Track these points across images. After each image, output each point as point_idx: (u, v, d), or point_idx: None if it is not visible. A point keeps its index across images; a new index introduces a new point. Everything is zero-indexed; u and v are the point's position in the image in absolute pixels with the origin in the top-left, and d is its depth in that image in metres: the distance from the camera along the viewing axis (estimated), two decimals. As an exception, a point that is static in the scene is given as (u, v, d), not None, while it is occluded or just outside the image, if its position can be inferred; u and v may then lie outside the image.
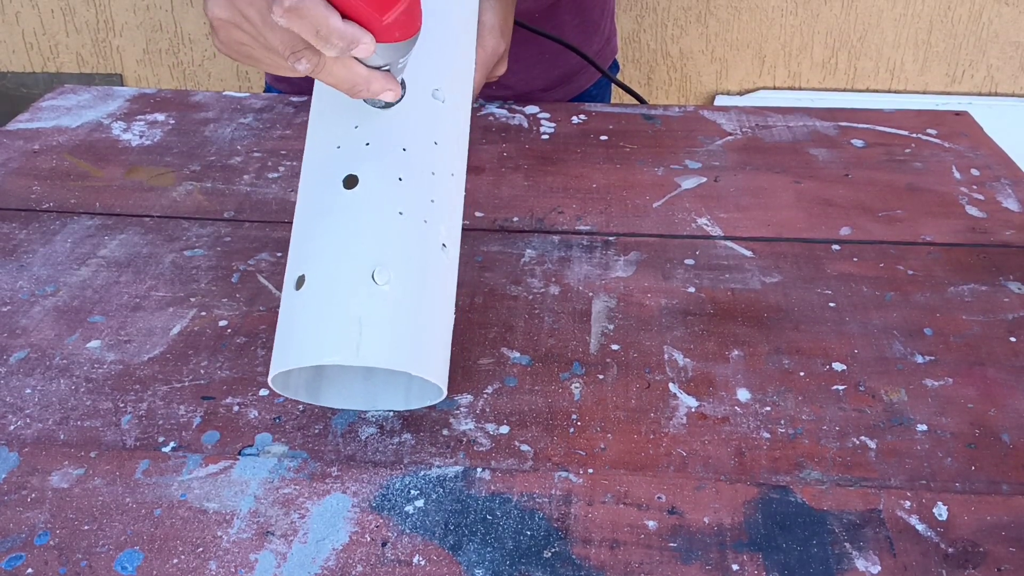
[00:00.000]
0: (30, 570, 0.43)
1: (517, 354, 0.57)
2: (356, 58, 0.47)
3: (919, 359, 0.56)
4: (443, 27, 0.58)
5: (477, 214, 0.71)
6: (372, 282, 0.47)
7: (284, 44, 0.47)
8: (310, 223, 0.50)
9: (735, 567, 0.43)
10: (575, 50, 0.85)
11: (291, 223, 0.69)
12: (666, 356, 0.57)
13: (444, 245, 0.51)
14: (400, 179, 0.50)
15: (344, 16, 0.44)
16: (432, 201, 0.51)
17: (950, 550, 0.44)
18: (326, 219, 0.50)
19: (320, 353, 0.46)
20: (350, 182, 0.50)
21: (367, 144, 0.51)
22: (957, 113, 0.87)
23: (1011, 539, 0.45)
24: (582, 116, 0.87)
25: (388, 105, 0.52)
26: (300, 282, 0.48)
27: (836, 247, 0.67)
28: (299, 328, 0.47)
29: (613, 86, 1.11)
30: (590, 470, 0.49)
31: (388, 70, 0.49)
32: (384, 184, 0.50)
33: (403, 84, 0.52)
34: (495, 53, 0.65)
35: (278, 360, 0.48)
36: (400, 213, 0.50)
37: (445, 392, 0.50)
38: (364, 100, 0.52)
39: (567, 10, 0.94)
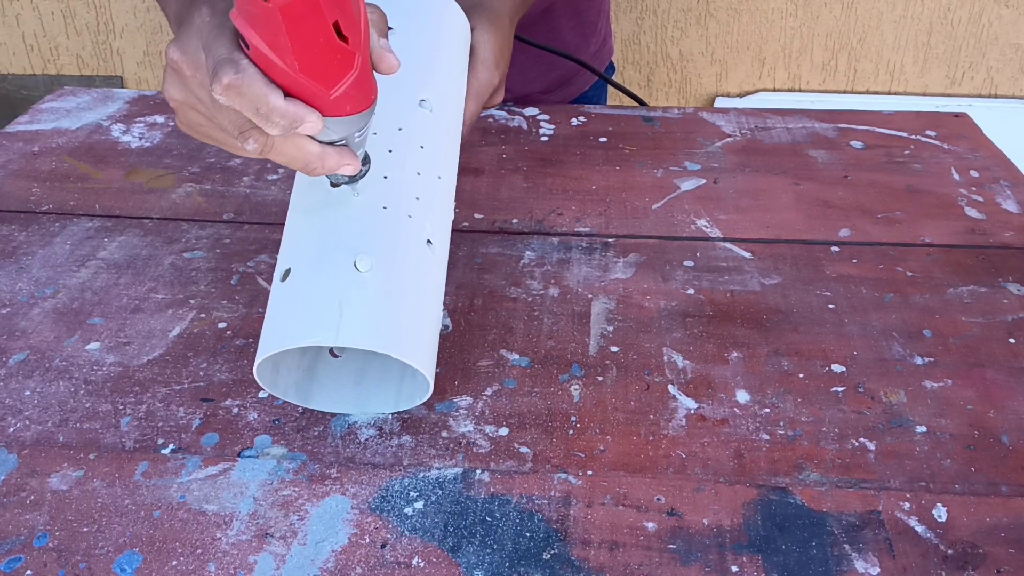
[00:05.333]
0: (29, 572, 0.43)
1: (516, 356, 0.57)
2: (309, 135, 0.45)
3: (918, 360, 0.56)
4: (432, 45, 0.61)
5: (476, 216, 0.71)
6: (354, 269, 0.48)
7: (232, 124, 0.45)
8: (297, 221, 0.52)
9: (735, 569, 0.43)
10: (570, 57, 0.85)
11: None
12: (665, 358, 0.57)
13: (430, 241, 0.52)
14: (385, 177, 0.52)
15: (288, 93, 0.42)
16: (417, 199, 0.53)
17: (949, 551, 0.44)
18: (311, 214, 0.51)
19: (302, 335, 0.46)
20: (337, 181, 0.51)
21: None
22: (956, 115, 0.88)
23: (1010, 540, 0.45)
24: (581, 118, 0.87)
25: (351, 180, 0.49)
26: (286, 275, 0.49)
27: (835, 249, 0.67)
28: (282, 315, 0.48)
29: (610, 87, 1.11)
30: (589, 472, 0.49)
31: (344, 144, 0.47)
32: (370, 181, 0.51)
33: (367, 158, 0.50)
34: (489, 85, 0.66)
35: (262, 347, 0.48)
36: (384, 207, 0.51)
37: (431, 382, 0.50)
38: (326, 176, 0.50)
39: (563, 13, 0.94)
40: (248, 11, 0.40)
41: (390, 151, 0.53)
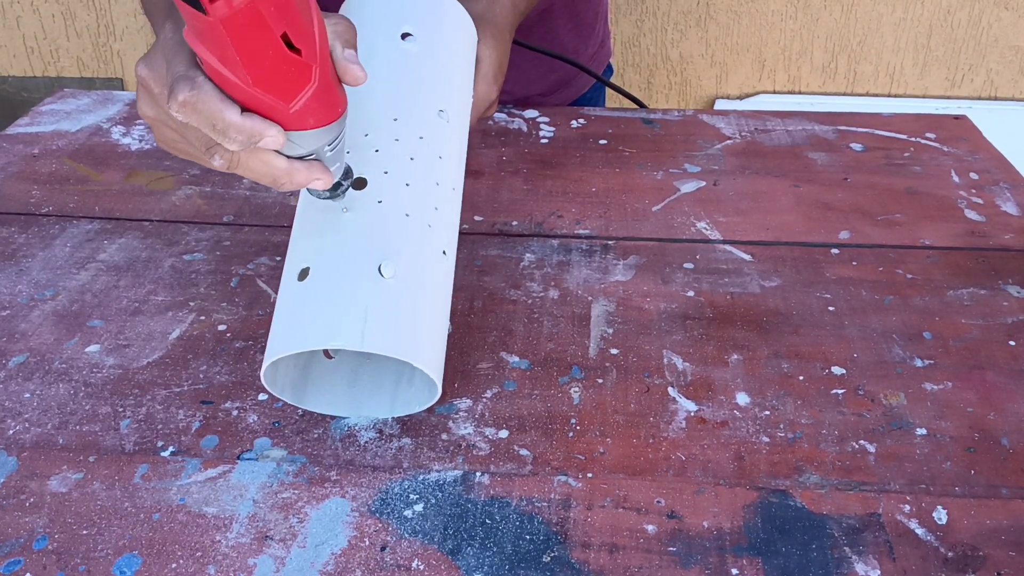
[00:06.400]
0: (29, 574, 0.43)
1: (516, 358, 0.57)
2: (273, 149, 0.44)
3: (918, 363, 0.56)
4: (451, 56, 0.61)
5: (476, 218, 0.71)
6: (379, 275, 0.48)
7: (199, 140, 0.45)
8: (315, 220, 0.51)
9: (735, 571, 0.43)
10: (566, 60, 0.85)
11: (290, 227, 0.70)
12: (665, 360, 0.57)
13: (444, 252, 0.52)
14: (407, 185, 0.52)
15: (247, 107, 0.42)
16: (436, 209, 0.53)
17: (950, 554, 0.44)
18: (332, 214, 0.50)
19: (325, 337, 0.46)
20: (359, 184, 0.51)
21: (376, 151, 0.52)
22: (956, 117, 0.88)
23: (1010, 543, 0.45)
24: (581, 120, 0.87)
25: (332, 195, 0.49)
26: (304, 274, 0.49)
27: (835, 251, 0.67)
28: (302, 315, 0.48)
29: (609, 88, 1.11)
30: (589, 474, 0.49)
31: (315, 159, 0.46)
32: (392, 187, 0.51)
33: (348, 172, 0.49)
34: (487, 99, 0.66)
35: (277, 345, 0.48)
36: (407, 215, 0.51)
37: (439, 392, 0.50)
38: (309, 191, 0.49)
39: (561, 15, 0.94)
40: (194, 27, 0.40)
41: (412, 159, 0.53)
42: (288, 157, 0.45)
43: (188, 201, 0.74)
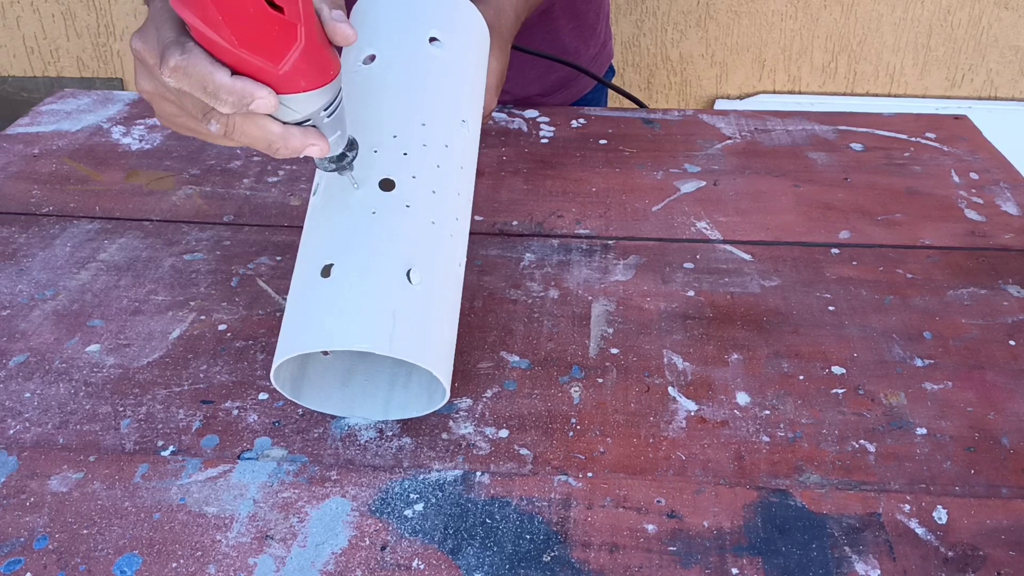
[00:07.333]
0: (29, 574, 0.43)
1: (516, 358, 0.57)
2: (272, 115, 0.45)
3: (918, 363, 0.56)
4: (475, 66, 0.61)
5: (476, 218, 0.71)
6: (407, 280, 0.48)
7: (195, 107, 0.45)
8: (339, 216, 0.51)
9: (735, 571, 0.43)
10: (568, 63, 0.85)
11: (291, 227, 0.70)
12: (665, 360, 0.57)
13: (459, 264, 0.53)
14: (434, 192, 0.52)
15: (237, 71, 0.42)
16: (456, 219, 0.53)
17: (950, 554, 0.44)
18: (361, 215, 0.50)
19: (352, 338, 0.46)
20: (387, 185, 0.51)
21: (404, 154, 0.52)
22: (956, 117, 0.88)
23: (1011, 543, 0.45)
24: (581, 120, 0.87)
25: (338, 167, 0.49)
26: (327, 271, 0.48)
27: (835, 251, 0.67)
28: (327, 313, 0.47)
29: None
30: (589, 474, 0.49)
31: (313, 125, 0.46)
32: (420, 193, 0.51)
33: (353, 143, 0.49)
34: (488, 108, 0.67)
35: (298, 340, 0.47)
36: (432, 223, 0.51)
37: (445, 401, 0.50)
38: (316, 163, 0.49)
39: (562, 15, 0.94)
40: None
41: (438, 166, 0.53)
42: (284, 123, 0.45)
43: (188, 201, 0.74)
